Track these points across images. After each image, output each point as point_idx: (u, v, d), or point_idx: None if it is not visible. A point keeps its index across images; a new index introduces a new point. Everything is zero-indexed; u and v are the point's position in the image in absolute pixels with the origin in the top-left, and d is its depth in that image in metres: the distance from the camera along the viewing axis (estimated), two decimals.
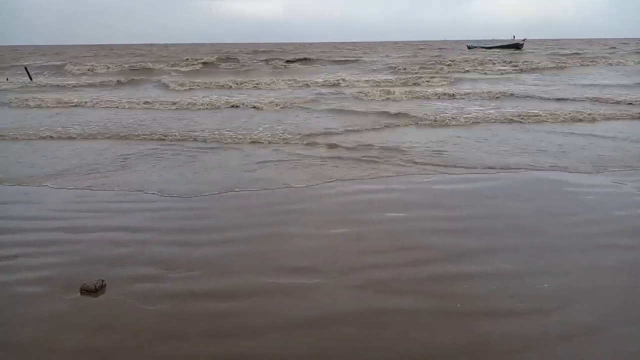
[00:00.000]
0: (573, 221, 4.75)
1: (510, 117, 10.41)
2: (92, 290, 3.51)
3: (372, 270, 3.82)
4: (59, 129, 10.04)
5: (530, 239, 4.37)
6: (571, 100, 13.10)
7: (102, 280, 3.61)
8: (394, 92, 14.80)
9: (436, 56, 36.36)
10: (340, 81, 18.92)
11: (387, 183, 6.07)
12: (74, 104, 13.85)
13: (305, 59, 32.18)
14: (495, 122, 10.12)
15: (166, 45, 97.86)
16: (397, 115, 10.93)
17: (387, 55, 38.95)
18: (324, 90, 16.41)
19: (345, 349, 2.90)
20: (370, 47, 66.71)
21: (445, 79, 19.15)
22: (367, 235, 4.51)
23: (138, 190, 5.92)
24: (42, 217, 5.11)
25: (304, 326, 3.13)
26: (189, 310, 3.32)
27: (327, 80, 19.25)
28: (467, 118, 10.43)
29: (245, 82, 18.73)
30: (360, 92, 15.16)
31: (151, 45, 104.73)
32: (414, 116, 10.67)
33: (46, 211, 5.28)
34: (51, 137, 9.26)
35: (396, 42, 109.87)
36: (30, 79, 22.82)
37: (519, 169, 6.53)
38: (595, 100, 12.91)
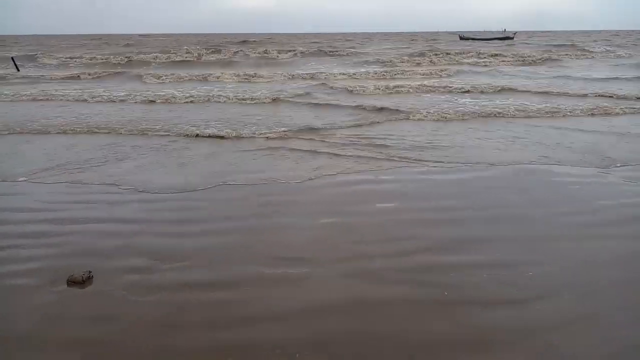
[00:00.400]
0: (563, 211, 4.78)
1: (503, 111, 10.29)
2: (80, 282, 3.47)
3: (364, 261, 3.82)
4: (43, 122, 9.82)
5: (521, 229, 4.39)
6: (563, 94, 12.97)
7: (90, 272, 3.57)
8: (385, 86, 14.57)
9: (429, 47, 36.13)
10: (332, 74, 18.51)
11: (377, 175, 6.06)
12: (56, 97, 13.44)
13: (296, 50, 31.65)
14: (487, 116, 10.01)
15: (156, 36, 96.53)
16: (388, 109, 10.69)
17: (380, 47, 38.70)
18: (313, 83, 16.13)
19: (338, 338, 2.90)
20: (364, 38, 66.29)
21: (437, 72, 18.87)
22: (359, 225, 4.50)
23: (126, 183, 5.86)
24: (29, 209, 5.05)
25: (298, 315, 3.13)
26: (181, 301, 3.30)
27: (317, 73, 18.81)
28: (460, 112, 10.30)
29: (230, 74, 18.20)
30: (352, 86, 14.84)
31: (143, 35, 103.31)
32: (404, 110, 10.47)
33: (33, 203, 5.21)
34: (35, 131, 9.01)
35: (388, 34, 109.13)
36: (17, 69, 22.47)
37: (513, 164, 6.47)
38: (592, 94, 12.79)
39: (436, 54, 27.60)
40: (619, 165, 6.35)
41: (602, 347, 2.81)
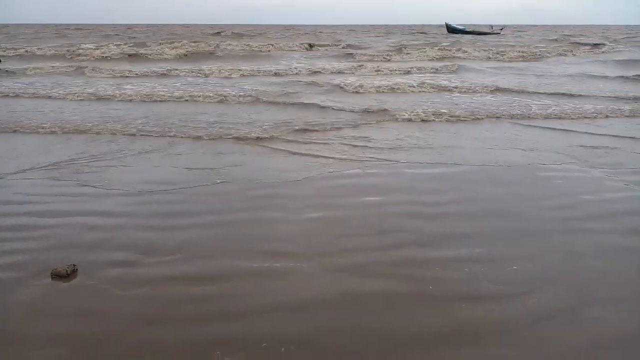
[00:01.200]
0: (547, 206, 4.83)
1: (497, 111, 9.95)
2: (64, 276, 3.43)
3: (350, 254, 3.83)
4: (17, 119, 9.21)
5: (506, 224, 4.44)
6: (560, 94, 12.28)
7: (74, 265, 3.53)
8: (375, 84, 13.72)
9: (418, 41, 35.92)
10: (321, 69, 17.80)
11: (364, 170, 6.07)
12: (26, 93, 12.52)
13: (283, 44, 30.73)
14: (480, 116, 9.58)
15: (141, 26, 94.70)
16: (379, 109, 10.06)
17: (368, 40, 38.20)
18: (301, 80, 15.07)
19: (325, 332, 2.92)
20: (349, 30, 65.77)
21: (429, 68, 18.19)
22: (346, 219, 4.51)
23: (110, 178, 5.82)
24: (10, 201, 4.97)
25: (285, 309, 3.13)
26: (167, 295, 3.28)
27: (305, 68, 17.99)
28: (452, 111, 9.84)
29: (211, 69, 16.99)
30: (340, 82, 13.99)
31: (129, 25, 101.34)
32: (394, 110, 9.91)
33: (14, 196, 5.13)
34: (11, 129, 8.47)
35: (374, 26, 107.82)
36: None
37: (500, 162, 6.45)
38: (598, 95, 12.20)
39: (425, 48, 26.82)
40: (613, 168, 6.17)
41: (586, 340, 2.86)
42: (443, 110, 10.02)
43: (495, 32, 51.73)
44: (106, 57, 23.16)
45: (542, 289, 3.35)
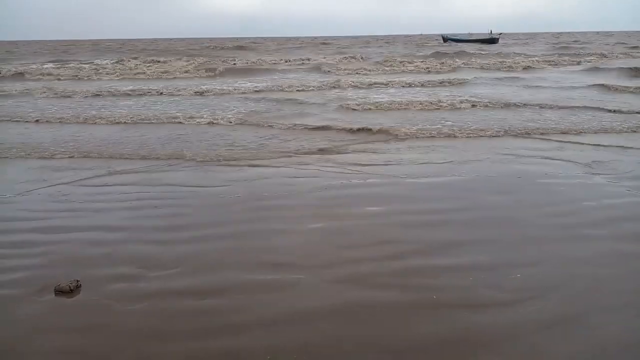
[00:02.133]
0: (549, 213, 4.83)
1: (504, 128, 9.32)
2: (67, 291, 3.44)
3: (352, 265, 3.83)
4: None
5: (509, 232, 4.44)
6: (566, 107, 11.70)
7: (77, 281, 3.54)
8: (379, 99, 13.20)
9: (417, 53, 36.00)
10: (320, 85, 17.07)
11: (366, 180, 6.09)
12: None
13: (281, 60, 29.36)
14: (485, 134, 8.96)
15: (135, 41, 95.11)
16: (381, 126, 9.45)
17: (368, 52, 38.31)
18: (300, 97, 14.24)
19: (328, 343, 2.91)
20: (349, 41, 66.11)
21: (430, 82, 17.36)
22: (348, 230, 4.52)
23: (111, 192, 5.84)
24: (13, 218, 5.00)
25: (287, 321, 3.13)
26: (170, 308, 3.29)
27: (305, 84, 17.20)
28: (458, 128, 9.31)
29: (211, 87, 16.37)
30: (345, 99, 13.47)
31: (121, 40, 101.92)
32: (394, 129, 9.27)
33: (17, 212, 5.16)
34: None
35: (372, 37, 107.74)
36: None
37: (501, 173, 6.44)
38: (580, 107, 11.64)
39: (427, 60, 26.33)
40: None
41: (590, 347, 2.85)
42: (448, 123, 9.87)
43: (494, 37, 51.72)
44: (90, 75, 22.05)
45: (545, 296, 3.35)
